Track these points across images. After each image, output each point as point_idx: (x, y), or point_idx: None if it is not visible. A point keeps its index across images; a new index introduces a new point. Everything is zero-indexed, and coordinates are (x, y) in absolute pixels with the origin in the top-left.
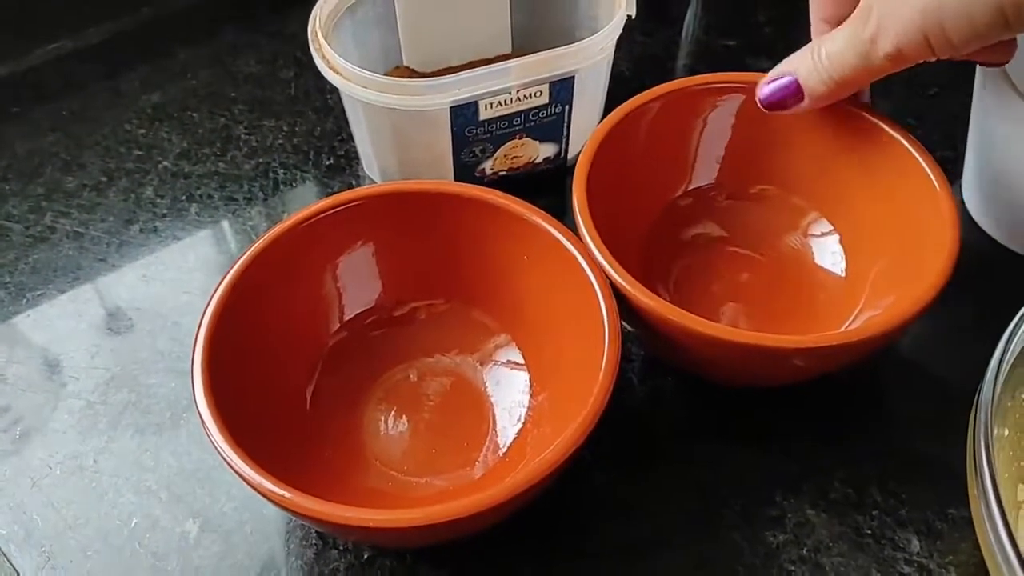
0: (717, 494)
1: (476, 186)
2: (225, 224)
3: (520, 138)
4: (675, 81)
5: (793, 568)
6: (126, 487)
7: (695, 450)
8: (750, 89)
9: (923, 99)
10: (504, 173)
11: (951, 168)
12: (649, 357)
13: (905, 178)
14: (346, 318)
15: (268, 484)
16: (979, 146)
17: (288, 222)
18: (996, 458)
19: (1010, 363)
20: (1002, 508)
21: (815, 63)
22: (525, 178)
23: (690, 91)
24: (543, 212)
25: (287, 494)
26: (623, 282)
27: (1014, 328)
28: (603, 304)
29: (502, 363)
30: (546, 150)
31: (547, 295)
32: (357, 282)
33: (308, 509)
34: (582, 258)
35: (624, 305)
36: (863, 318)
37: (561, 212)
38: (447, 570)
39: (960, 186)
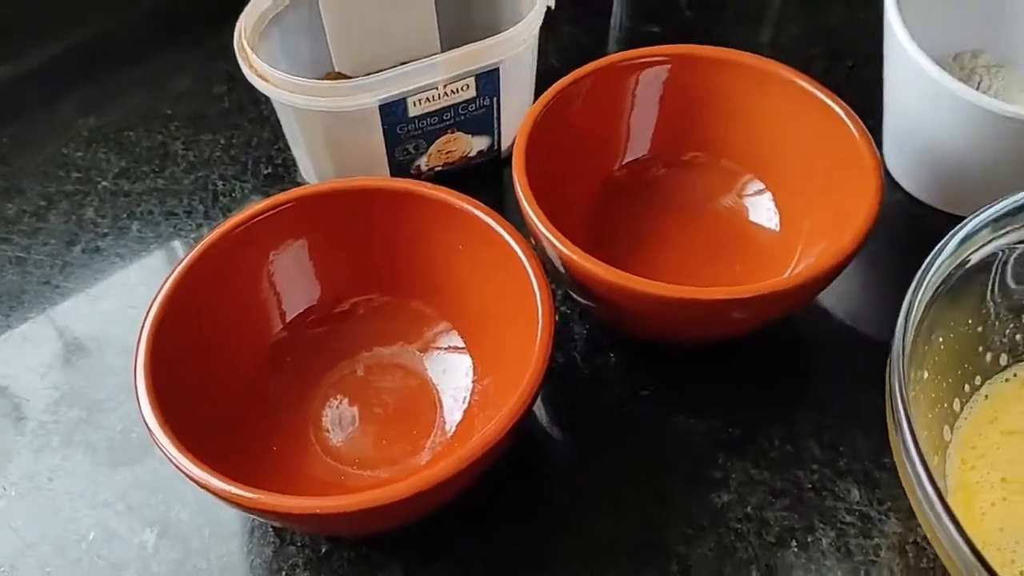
0: (662, 462)
1: (405, 179)
2: (167, 239)
3: (452, 132)
4: (601, 60)
5: (739, 526)
6: (81, 502)
7: (639, 421)
8: (673, 61)
9: (842, 71)
10: (440, 168)
11: (872, 136)
12: (592, 336)
13: (831, 136)
14: (288, 318)
15: (215, 480)
16: (892, 112)
17: (220, 230)
18: (916, 401)
19: (921, 308)
20: (919, 449)
21: None
22: (461, 172)
23: (615, 68)
24: (474, 200)
25: (234, 489)
26: (570, 253)
27: (922, 274)
28: (536, 286)
29: (444, 349)
30: (479, 143)
31: (484, 281)
32: (295, 282)
33: (258, 502)
34: (515, 243)
35: (572, 277)
36: (799, 269)
37: (500, 203)
38: (403, 557)
39: (883, 152)
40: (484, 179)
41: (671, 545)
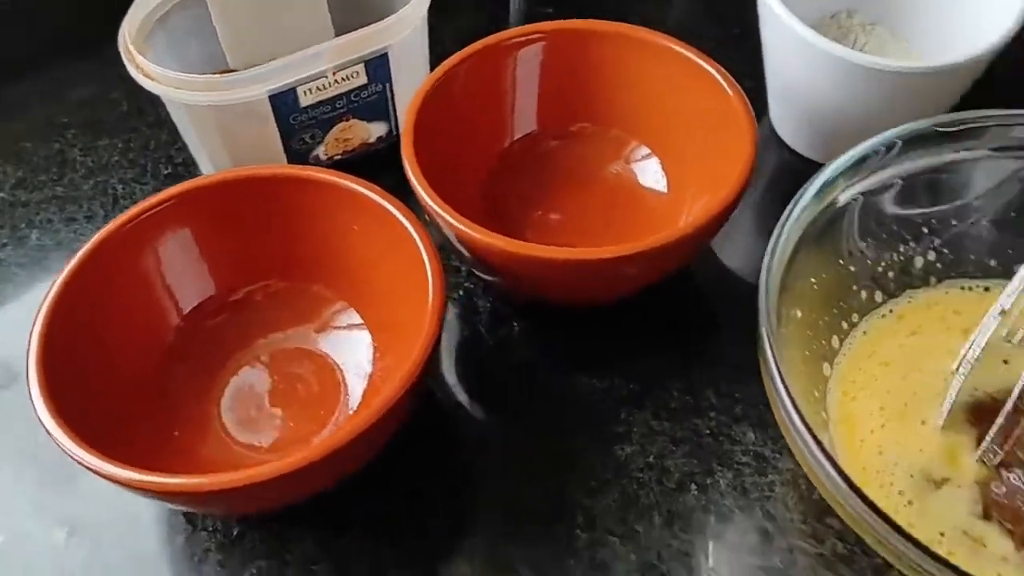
0: (567, 421)
1: (294, 166)
2: (67, 245)
3: (347, 120)
4: (479, 41)
5: (641, 475)
6: None
7: (544, 384)
8: (549, 37)
9: (730, 38)
10: (340, 157)
11: (759, 96)
12: (495, 309)
13: (710, 99)
14: (185, 310)
15: (110, 467)
16: (772, 75)
17: (106, 229)
18: (790, 338)
19: (787, 251)
20: (785, 383)
21: None
22: (363, 160)
23: (493, 48)
24: (364, 181)
25: (132, 474)
26: (461, 225)
27: (784, 220)
28: (427, 260)
29: (343, 329)
30: (377, 130)
31: (379, 260)
32: (189, 274)
33: (154, 484)
34: (406, 221)
35: (468, 250)
36: None
37: (403, 187)
38: (315, 530)
39: (769, 114)
40: (385, 165)
41: (577, 499)
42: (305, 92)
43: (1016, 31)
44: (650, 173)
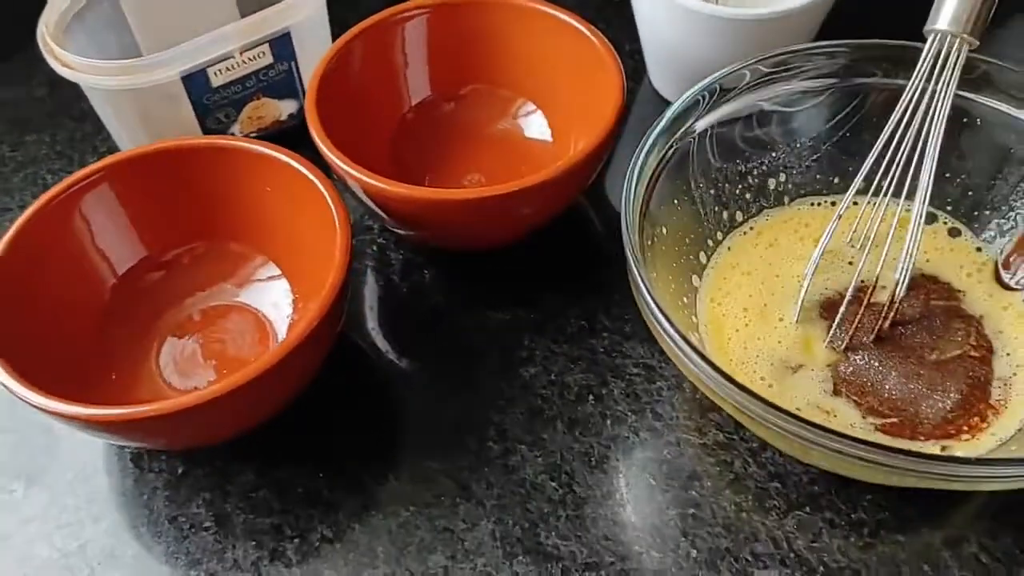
0: (477, 351)
1: (208, 136)
2: (2, 233)
3: (259, 99)
4: (368, 19)
5: (544, 391)
6: None
7: (454, 322)
8: (433, 10)
9: (612, 6)
10: (255, 134)
11: (639, 58)
12: (407, 259)
13: (583, 55)
14: (119, 272)
15: (52, 402)
16: (645, 36)
17: (37, 203)
18: (659, 253)
19: (646, 177)
20: (653, 296)
21: None
22: (277, 136)
23: (382, 23)
24: (273, 145)
25: (74, 408)
26: (363, 176)
27: (641, 147)
28: (333, 209)
29: (264, 280)
30: (288, 107)
31: (293, 216)
32: (119, 241)
33: (95, 415)
34: (313, 177)
35: (373, 201)
36: None
37: (317, 159)
38: (253, 464)
39: (648, 72)
40: (298, 140)
41: (489, 416)
42: (215, 73)
43: None
44: (535, 125)
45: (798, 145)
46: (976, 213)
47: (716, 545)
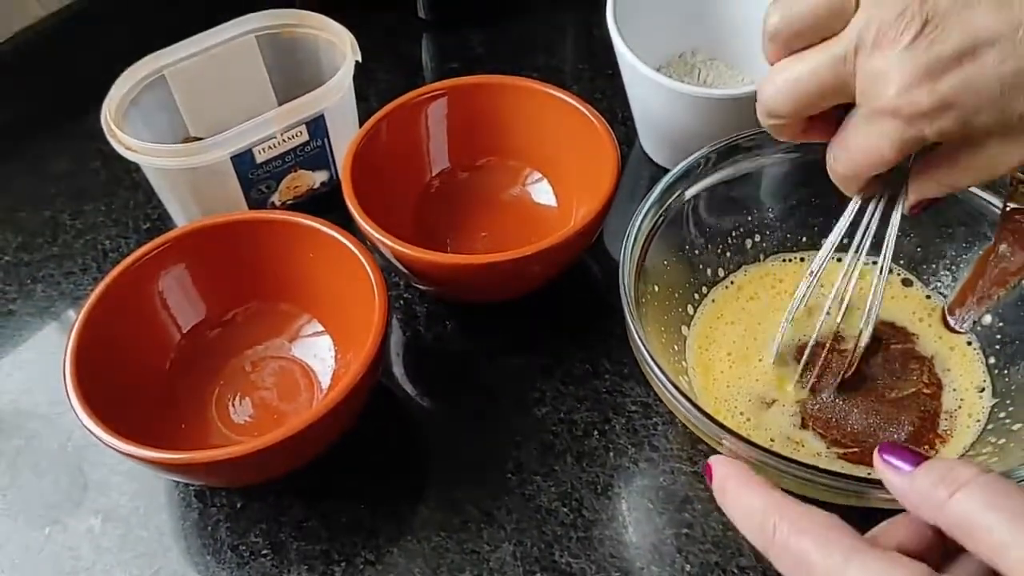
0: (494, 393)
1: (259, 211)
2: (68, 294)
3: (295, 171)
4: (393, 101)
5: (554, 427)
6: (35, 509)
7: (474, 367)
8: (450, 91)
9: (606, 78)
10: (291, 202)
11: (631, 124)
12: (431, 312)
13: (582, 130)
14: (184, 330)
15: (135, 448)
16: (635, 107)
17: (115, 271)
18: (651, 307)
19: (641, 239)
20: (646, 345)
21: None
22: (310, 202)
23: (406, 105)
24: (315, 217)
25: (150, 452)
26: (394, 244)
27: (637, 214)
28: (371, 274)
29: (310, 336)
30: (320, 177)
31: (333, 278)
32: (184, 302)
33: (167, 459)
34: (351, 244)
35: (402, 265)
36: None
37: (347, 220)
38: (303, 498)
39: (640, 139)
40: (330, 206)
41: (507, 451)
42: (260, 151)
43: None
44: (542, 192)
45: (770, 208)
46: (925, 265)
47: (707, 560)
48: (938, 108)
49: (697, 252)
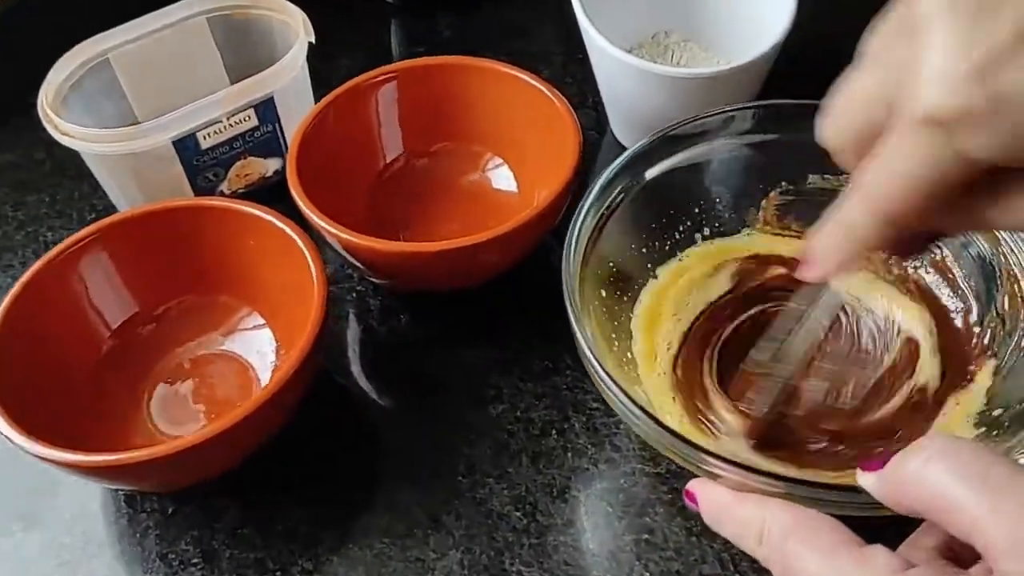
0: (450, 390)
1: (192, 197)
2: (5, 289)
3: (245, 158)
4: (341, 86)
5: (510, 426)
6: None
7: (429, 363)
8: (400, 74)
9: (577, 62)
10: (242, 191)
11: (602, 110)
12: (384, 305)
13: (544, 112)
14: (113, 326)
15: (47, 450)
16: (604, 90)
17: (38, 263)
18: (592, 314)
19: (584, 236)
20: (593, 350)
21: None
22: (262, 191)
23: (354, 89)
24: (257, 204)
25: (71, 456)
26: (339, 232)
27: (574, 220)
28: (311, 264)
29: (249, 330)
30: (272, 164)
31: (274, 268)
32: (113, 297)
33: (88, 462)
34: (293, 233)
35: (351, 255)
36: None
37: (299, 212)
38: (240, 502)
39: (610, 122)
40: (284, 195)
41: (459, 450)
42: (204, 136)
43: (781, 40)
44: (502, 178)
45: (725, 196)
46: None
47: (668, 568)
48: (990, 111)
49: (649, 239)
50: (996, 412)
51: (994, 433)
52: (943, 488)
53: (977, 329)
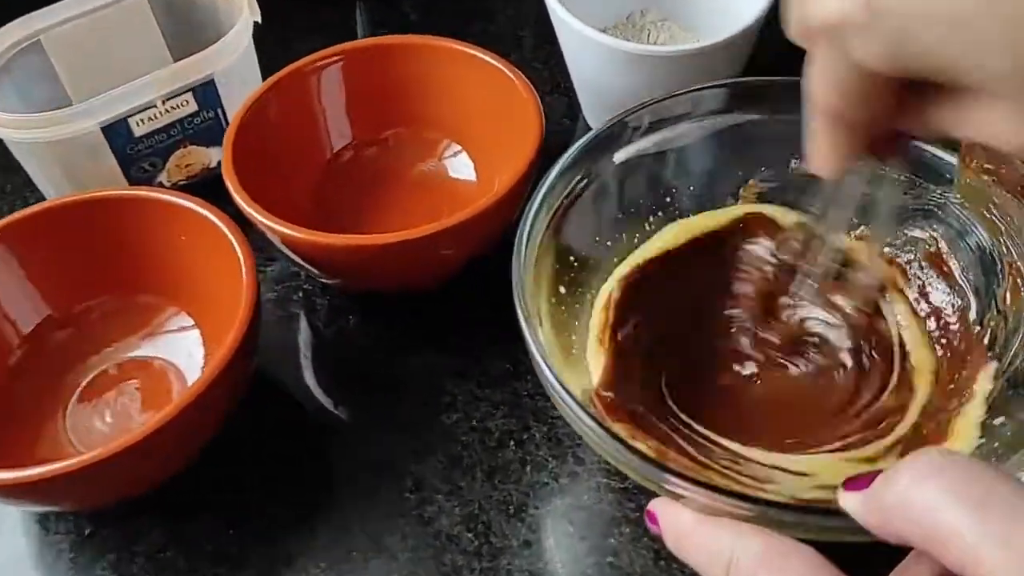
0: (399, 398)
1: (113, 188)
2: None
3: (185, 147)
4: (283, 69)
5: (464, 437)
6: None
7: (378, 370)
8: (347, 56)
9: (548, 47)
10: (184, 182)
11: (576, 97)
12: (332, 305)
13: (505, 95)
14: (24, 331)
15: None
16: (574, 73)
17: None
18: (550, 313)
19: (540, 230)
20: (542, 352)
21: None
22: (207, 184)
23: (296, 73)
24: (187, 195)
25: None
26: (278, 227)
27: (530, 204)
28: (242, 261)
29: (176, 331)
30: (216, 154)
31: (204, 265)
32: (22, 298)
33: None
34: (225, 228)
35: (294, 250)
36: None
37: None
38: (163, 523)
39: (582, 107)
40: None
41: (407, 465)
42: (138, 122)
43: (763, 16)
44: (460, 166)
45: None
46: None
47: None
48: (868, 20)
49: (616, 229)
50: (998, 421)
51: (995, 445)
52: (935, 512)
53: (977, 328)
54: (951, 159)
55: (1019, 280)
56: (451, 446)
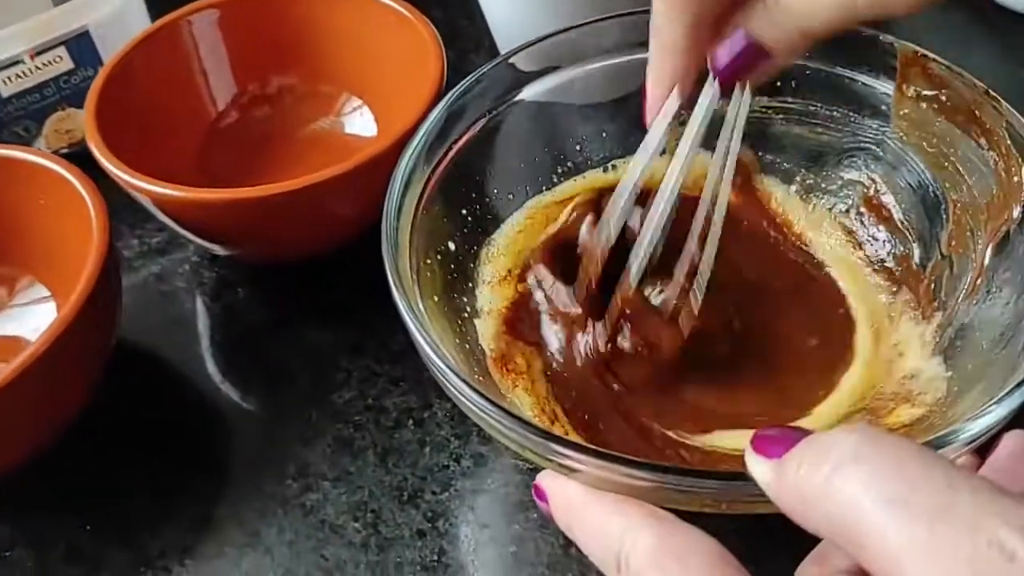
0: (288, 376)
1: None
2: None
3: (63, 109)
4: (155, 23)
5: (358, 417)
6: None
7: (266, 345)
8: (223, 3)
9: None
10: (66, 150)
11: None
12: (220, 278)
13: (406, 40)
14: None
15: None
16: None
17: None
18: (436, 273)
19: (424, 175)
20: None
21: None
22: None
23: (169, 27)
24: (43, 152)
25: None
26: (144, 184)
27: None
28: (93, 216)
29: (29, 304)
30: None
31: (61, 228)
32: None
33: None
34: (81, 186)
35: (163, 209)
36: None
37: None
38: (9, 518)
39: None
40: None
41: (291, 450)
42: (4, 81)
43: None
44: (358, 120)
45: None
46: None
47: None
48: None
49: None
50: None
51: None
52: (857, 510)
53: (921, 275)
54: (887, 88)
55: (965, 219)
56: (342, 428)
